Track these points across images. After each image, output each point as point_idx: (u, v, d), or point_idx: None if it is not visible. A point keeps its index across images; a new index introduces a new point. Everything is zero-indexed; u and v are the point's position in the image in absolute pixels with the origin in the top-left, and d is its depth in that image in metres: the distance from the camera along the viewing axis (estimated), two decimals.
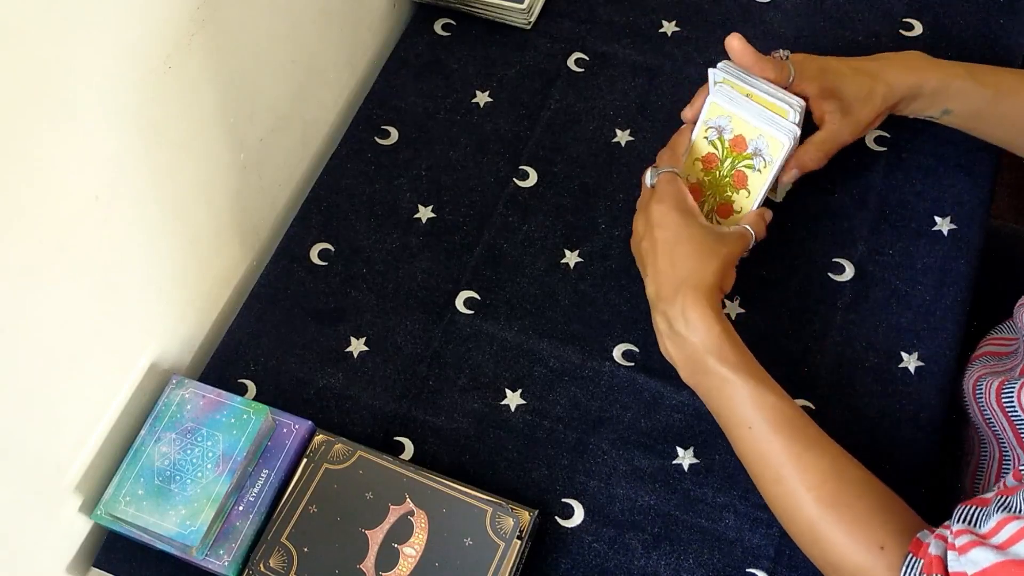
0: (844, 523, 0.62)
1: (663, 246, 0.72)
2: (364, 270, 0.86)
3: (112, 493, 0.72)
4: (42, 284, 0.63)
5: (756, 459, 0.67)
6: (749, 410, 0.67)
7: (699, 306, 0.69)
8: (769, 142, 0.74)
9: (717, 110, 0.76)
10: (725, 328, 0.69)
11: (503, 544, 0.70)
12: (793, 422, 0.66)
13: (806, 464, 0.64)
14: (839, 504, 0.63)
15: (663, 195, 0.74)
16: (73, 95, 0.61)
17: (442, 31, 1.00)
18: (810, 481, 0.64)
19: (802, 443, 0.65)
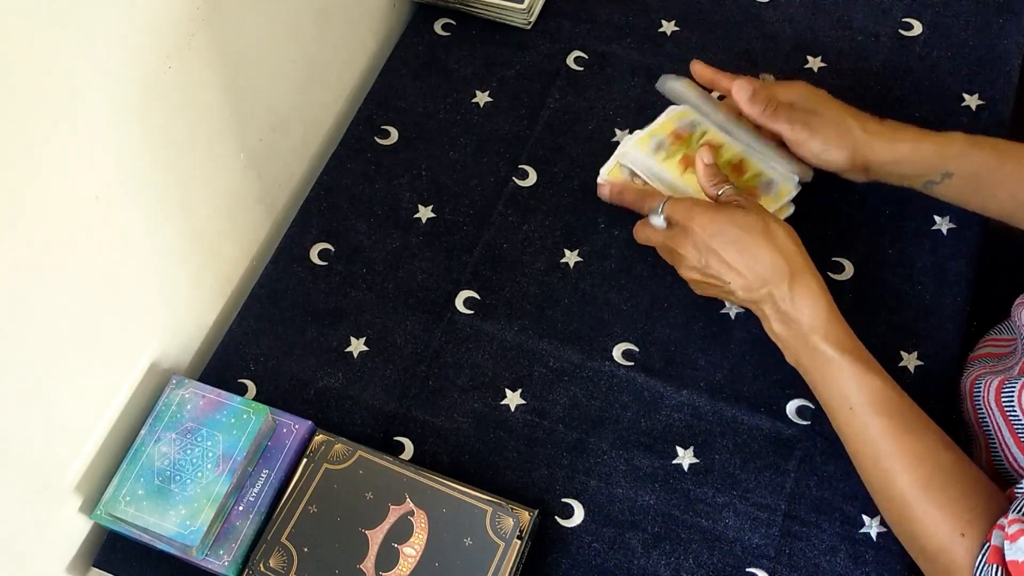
0: (933, 506, 0.64)
1: (733, 247, 0.71)
2: (364, 270, 0.86)
3: (112, 493, 0.72)
4: (42, 284, 0.63)
5: (856, 439, 0.68)
6: (852, 391, 0.68)
7: (808, 284, 0.70)
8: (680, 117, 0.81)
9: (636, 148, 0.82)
10: (831, 309, 0.70)
11: (503, 544, 0.70)
12: (894, 404, 0.67)
13: (903, 446, 0.66)
14: (930, 487, 0.64)
15: (685, 214, 0.73)
16: (73, 95, 0.61)
17: (442, 31, 1.00)
18: (906, 463, 0.65)
19: (901, 426, 0.66)
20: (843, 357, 0.68)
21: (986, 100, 0.91)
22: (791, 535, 0.72)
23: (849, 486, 0.74)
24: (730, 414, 0.77)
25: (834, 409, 0.70)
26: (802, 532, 0.72)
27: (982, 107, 0.90)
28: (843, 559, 0.71)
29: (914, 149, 0.77)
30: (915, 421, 0.67)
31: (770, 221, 0.72)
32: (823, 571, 0.71)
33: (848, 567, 0.71)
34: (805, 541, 0.72)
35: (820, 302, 0.69)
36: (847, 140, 0.77)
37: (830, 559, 0.71)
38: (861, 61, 0.94)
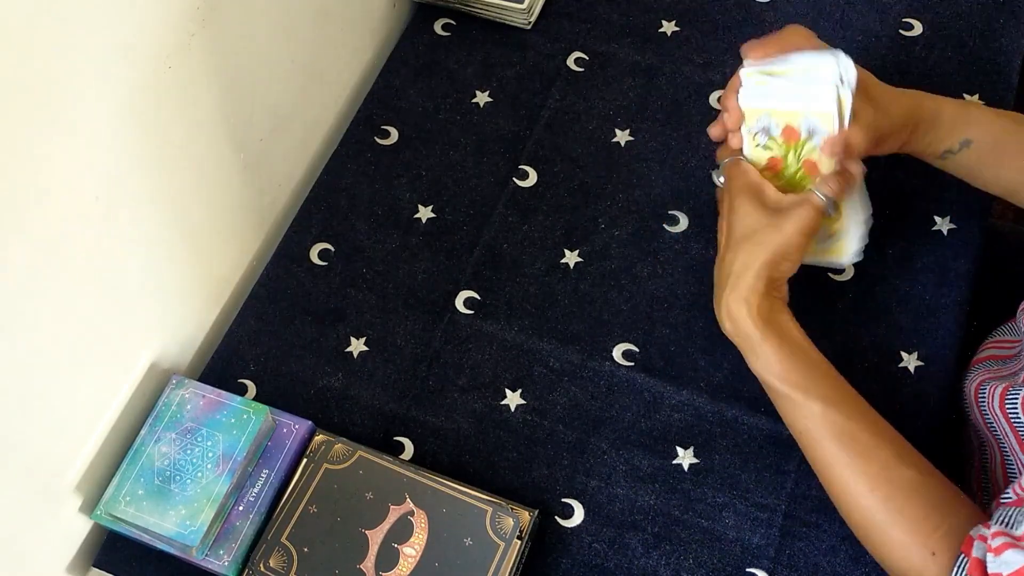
0: (897, 529, 0.63)
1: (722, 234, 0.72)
2: (364, 270, 0.86)
3: (112, 493, 0.72)
4: (42, 284, 0.63)
5: (812, 463, 0.68)
6: (799, 420, 0.67)
7: (739, 310, 0.68)
8: (818, 117, 0.69)
9: (752, 113, 0.71)
10: (767, 334, 0.68)
11: (503, 544, 0.70)
12: (839, 428, 0.66)
13: (857, 470, 0.65)
14: (890, 508, 0.63)
15: (732, 183, 0.72)
16: (73, 95, 0.61)
17: (442, 31, 1.00)
18: (861, 488, 0.64)
19: (850, 450, 0.65)
20: (782, 387, 0.67)
21: (986, 100, 0.91)
22: (791, 535, 0.72)
23: None
24: (730, 414, 0.77)
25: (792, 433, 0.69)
26: (802, 532, 0.72)
27: None
28: (843, 559, 0.71)
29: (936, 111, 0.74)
30: (864, 444, 0.65)
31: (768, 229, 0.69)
32: (823, 571, 0.71)
33: (848, 567, 0.71)
34: (805, 541, 0.72)
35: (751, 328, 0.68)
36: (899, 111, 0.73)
37: (830, 559, 0.71)
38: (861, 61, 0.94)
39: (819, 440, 0.66)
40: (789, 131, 0.70)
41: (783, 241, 0.68)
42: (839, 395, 0.67)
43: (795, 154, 0.72)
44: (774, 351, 0.67)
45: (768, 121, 0.71)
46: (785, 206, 0.69)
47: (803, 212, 0.68)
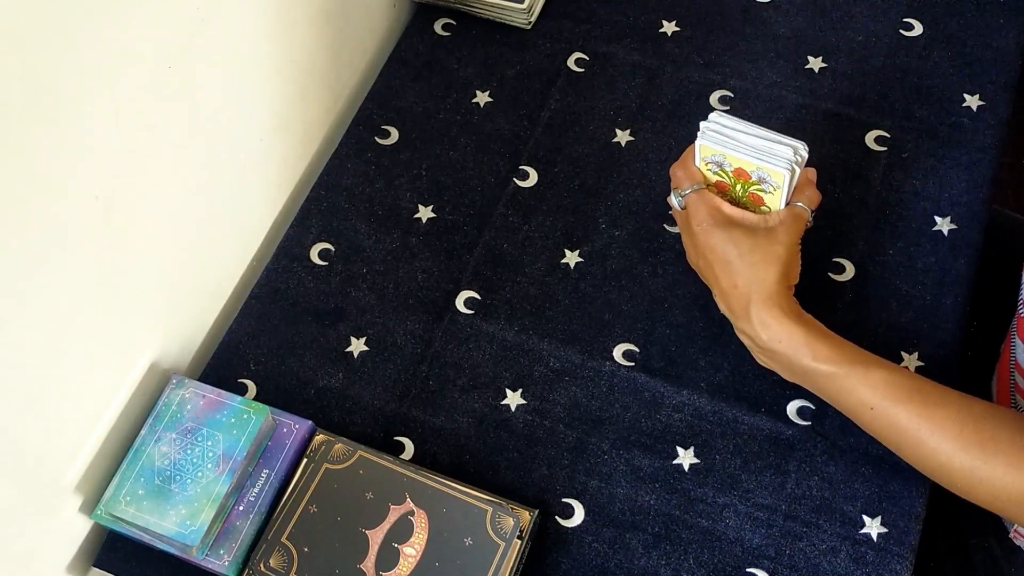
0: (999, 455, 0.63)
1: (719, 266, 0.71)
2: (364, 270, 0.86)
3: (112, 493, 0.72)
4: (42, 284, 0.63)
5: (890, 433, 0.68)
6: (864, 393, 0.67)
7: (774, 316, 0.69)
8: (769, 173, 0.72)
9: (708, 150, 0.73)
10: (807, 327, 0.69)
11: (503, 544, 0.70)
12: (909, 388, 0.67)
13: (938, 420, 0.65)
14: (984, 441, 0.64)
15: (698, 216, 0.73)
16: (73, 95, 0.61)
17: (442, 31, 1.00)
18: (949, 433, 0.65)
19: (925, 404, 0.66)
20: (840, 367, 0.67)
21: (986, 100, 0.91)
22: (791, 535, 0.72)
23: (849, 487, 0.74)
24: (730, 414, 0.77)
25: (857, 415, 0.69)
26: (802, 532, 0.72)
27: (983, 107, 0.90)
28: (843, 559, 0.71)
29: None
30: (933, 393, 0.67)
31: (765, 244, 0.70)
32: (823, 571, 0.71)
33: (848, 567, 0.71)
34: (805, 541, 0.72)
35: (791, 326, 0.68)
36: None
37: (830, 559, 0.71)
38: (861, 61, 0.94)
39: (895, 404, 0.66)
40: (740, 172, 0.73)
41: (785, 252, 0.70)
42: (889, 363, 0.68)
43: (743, 187, 0.75)
44: (821, 339, 0.68)
45: (722, 160, 0.73)
46: (774, 223, 0.72)
47: (793, 225, 0.72)
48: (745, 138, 0.72)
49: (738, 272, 0.70)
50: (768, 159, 0.71)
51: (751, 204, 0.75)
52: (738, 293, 0.70)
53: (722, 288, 0.72)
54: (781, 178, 0.71)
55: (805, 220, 0.73)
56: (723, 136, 0.72)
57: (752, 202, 0.75)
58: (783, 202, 0.73)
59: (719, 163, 0.74)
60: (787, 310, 0.69)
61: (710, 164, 0.74)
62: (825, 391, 0.70)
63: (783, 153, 0.71)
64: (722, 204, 0.73)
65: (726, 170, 0.74)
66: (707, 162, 0.74)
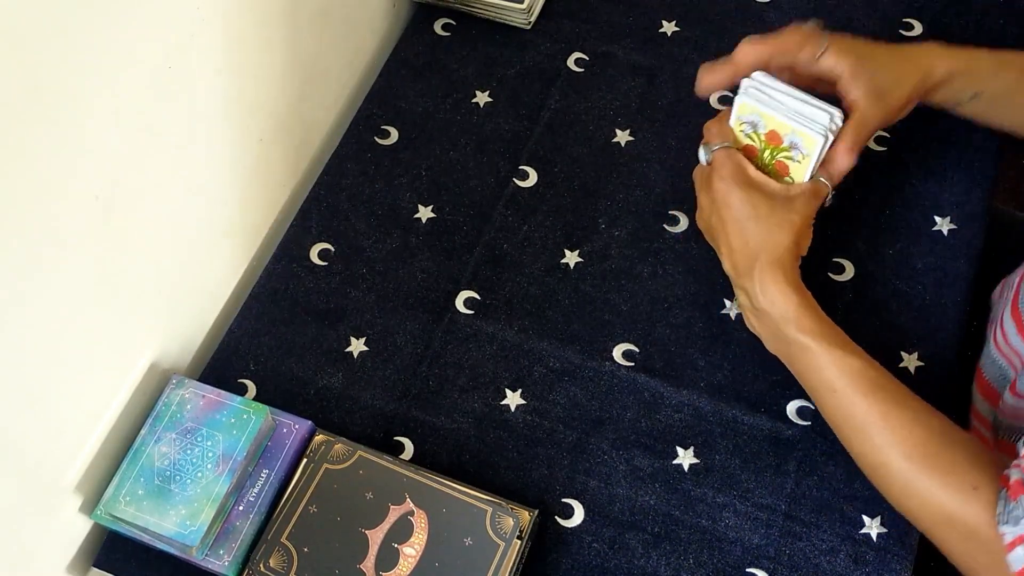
0: (935, 472, 0.63)
1: (732, 225, 0.72)
2: (364, 270, 0.86)
3: (112, 493, 0.72)
4: (42, 284, 0.63)
5: (843, 420, 0.68)
6: (832, 374, 0.68)
7: (776, 279, 0.70)
8: (803, 138, 0.72)
9: (746, 109, 0.74)
10: (803, 298, 0.70)
11: (503, 544, 0.70)
12: (876, 382, 0.67)
13: (891, 421, 0.65)
14: (927, 455, 0.64)
15: (722, 171, 0.73)
16: (73, 95, 0.61)
17: (442, 31, 1.00)
18: (896, 436, 0.65)
19: (885, 401, 0.66)
20: (818, 343, 0.68)
21: None
22: (791, 535, 0.72)
23: (849, 487, 0.74)
24: (730, 415, 0.77)
25: (819, 395, 0.70)
26: (802, 532, 0.72)
27: None
28: (843, 559, 0.71)
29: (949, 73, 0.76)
30: (898, 393, 0.67)
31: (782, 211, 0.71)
32: (823, 571, 0.71)
33: (848, 567, 0.71)
34: (805, 541, 0.72)
35: (788, 292, 0.69)
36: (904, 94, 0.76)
37: (830, 559, 0.71)
38: None
39: (857, 393, 0.67)
40: (773, 135, 0.73)
41: (800, 222, 0.71)
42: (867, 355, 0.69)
43: (771, 153, 0.75)
44: (811, 313, 0.69)
45: (758, 120, 0.73)
46: (794, 193, 0.72)
47: (813, 198, 0.72)
48: (785, 99, 0.72)
49: (750, 232, 0.71)
50: (805, 123, 0.71)
51: (775, 173, 0.75)
52: (748, 251, 0.71)
53: (731, 245, 0.72)
54: (813, 144, 0.71)
55: (824, 196, 0.73)
56: (764, 95, 0.72)
57: (777, 171, 0.75)
58: (808, 173, 0.73)
59: (754, 124, 0.74)
60: (789, 277, 0.70)
61: (744, 124, 0.74)
62: (798, 364, 0.71)
63: (820, 119, 0.71)
64: (748, 165, 0.73)
65: (759, 133, 0.74)
66: (742, 121, 0.75)
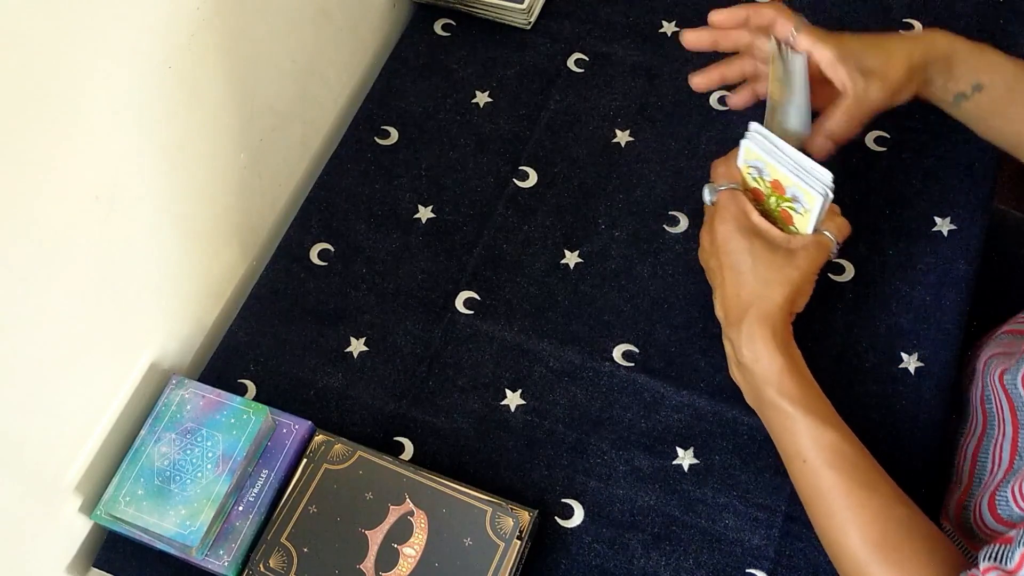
0: (890, 564, 0.62)
1: (729, 272, 0.70)
2: (364, 270, 0.86)
3: (112, 493, 0.72)
4: (42, 284, 0.63)
5: (810, 493, 0.67)
6: (806, 445, 0.66)
7: (764, 336, 0.68)
8: (804, 194, 0.70)
9: (751, 154, 0.72)
10: (789, 360, 0.68)
11: (503, 544, 0.70)
12: (849, 460, 0.66)
13: (857, 502, 0.64)
14: (886, 545, 0.63)
15: (725, 215, 0.71)
16: (73, 95, 0.61)
17: (442, 31, 1.00)
18: (860, 519, 0.64)
19: (854, 480, 0.65)
20: (796, 409, 0.67)
21: None
22: (791, 536, 0.72)
23: None
24: (730, 415, 0.77)
25: (790, 461, 0.69)
26: (802, 533, 0.72)
27: None
28: None
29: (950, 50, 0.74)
30: (869, 475, 0.66)
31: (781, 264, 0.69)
32: (823, 571, 0.71)
33: None
34: (805, 542, 0.72)
35: (773, 351, 0.67)
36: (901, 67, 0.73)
37: (830, 560, 0.71)
38: None
39: (828, 467, 0.65)
40: (777, 184, 0.72)
41: (799, 278, 0.69)
42: (846, 429, 0.67)
43: (776, 201, 0.73)
44: (794, 377, 0.67)
45: (762, 166, 0.72)
46: (796, 246, 0.70)
47: (816, 252, 0.70)
48: (789, 150, 0.70)
49: (746, 283, 0.69)
50: (806, 178, 0.69)
51: (781, 221, 0.74)
52: (739, 301, 0.69)
53: (725, 292, 0.71)
54: (813, 201, 0.69)
55: (829, 250, 0.71)
56: (769, 143, 0.70)
57: (782, 219, 0.74)
58: (811, 227, 0.71)
59: (759, 169, 0.72)
60: (778, 335, 0.68)
61: (751, 168, 0.73)
62: (773, 426, 0.69)
63: (822, 177, 0.69)
64: (752, 211, 0.71)
65: (764, 179, 0.72)
66: (749, 165, 0.73)
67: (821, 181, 0.68)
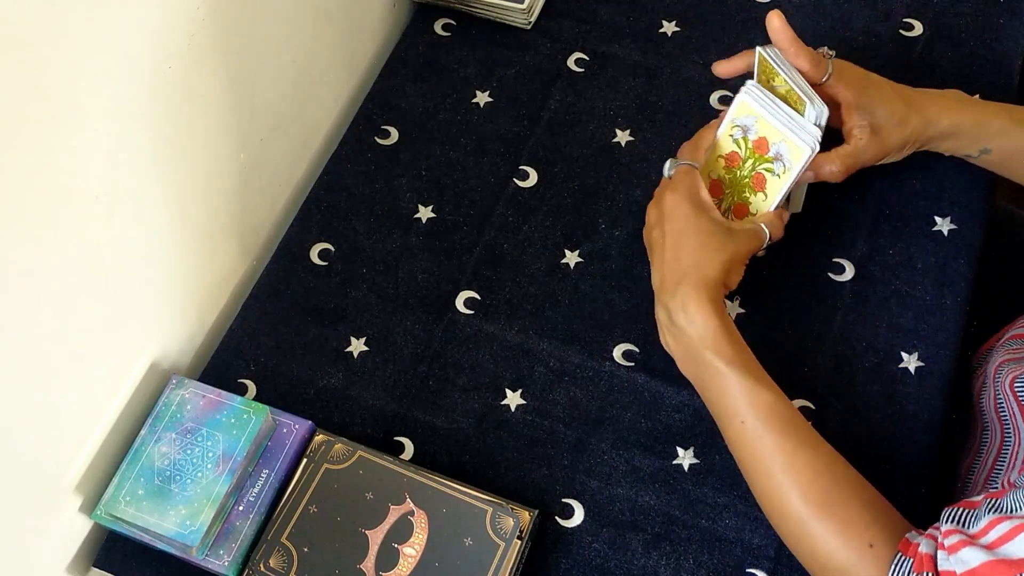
0: (833, 521, 0.62)
1: (671, 237, 0.72)
2: (364, 270, 0.86)
3: (112, 493, 0.72)
4: (42, 284, 0.63)
5: (748, 454, 0.67)
6: (743, 405, 0.67)
7: (699, 299, 0.69)
8: (790, 148, 0.73)
9: (745, 109, 0.74)
10: (724, 323, 0.69)
11: (503, 544, 0.70)
12: (787, 420, 0.66)
13: (797, 462, 0.64)
14: (828, 503, 0.63)
15: (678, 186, 0.74)
16: (73, 95, 0.61)
17: (442, 31, 1.00)
18: (801, 479, 0.64)
19: (794, 440, 0.65)
20: (732, 370, 0.67)
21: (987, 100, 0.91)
22: None
23: None
24: None
25: (725, 423, 0.69)
26: None
27: None
28: None
29: (954, 126, 0.77)
30: (808, 436, 0.66)
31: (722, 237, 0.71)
32: None
33: None
34: None
35: (709, 313, 0.68)
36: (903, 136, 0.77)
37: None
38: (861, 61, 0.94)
39: (766, 428, 0.66)
40: (761, 142, 0.74)
41: (735, 252, 0.71)
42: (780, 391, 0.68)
43: (753, 163, 0.76)
44: (729, 339, 0.68)
45: (751, 123, 0.74)
46: (736, 227, 0.73)
47: (753, 237, 0.73)
48: (784, 107, 0.73)
49: (686, 247, 0.71)
50: (798, 132, 0.72)
51: (748, 189, 0.76)
52: (678, 267, 0.71)
53: (664, 258, 0.72)
54: (798, 156, 0.72)
55: (762, 241, 0.74)
56: (765, 98, 0.73)
57: (752, 186, 0.76)
58: (782, 192, 0.74)
59: (746, 128, 0.74)
60: (713, 300, 0.69)
61: (736, 127, 0.75)
62: (709, 388, 0.70)
63: (812, 132, 0.71)
64: (702, 188, 0.74)
65: (748, 138, 0.74)
66: (735, 124, 0.75)
67: (811, 135, 0.72)
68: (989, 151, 0.78)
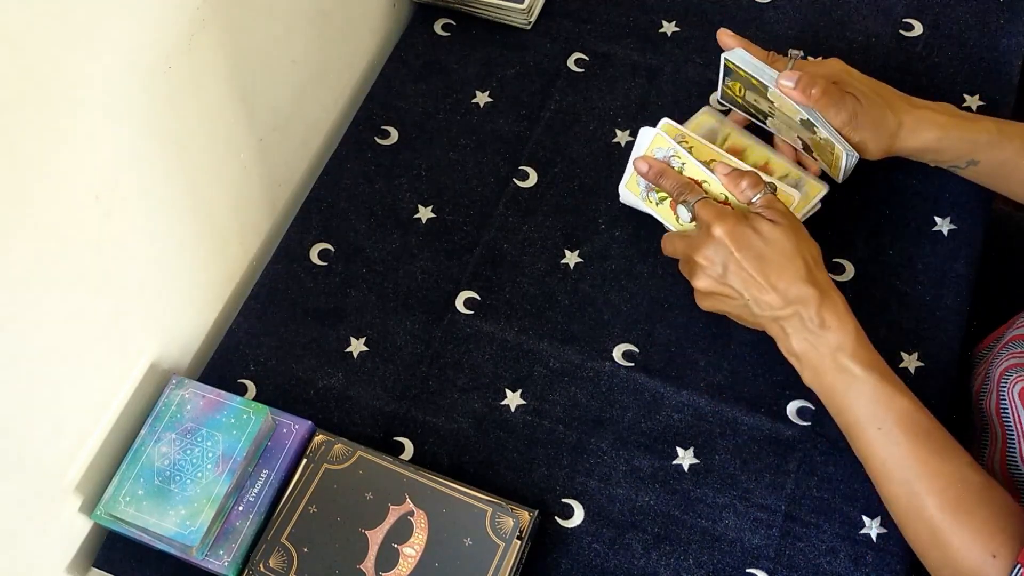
0: (964, 529, 0.63)
1: (755, 262, 0.69)
2: (364, 270, 0.86)
3: (112, 493, 0.72)
4: (42, 284, 0.63)
5: (882, 460, 0.67)
6: (880, 411, 0.67)
7: (835, 304, 0.69)
8: None
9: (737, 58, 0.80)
10: (858, 328, 0.69)
11: (503, 544, 0.70)
12: (923, 426, 0.66)
13: (932, 469, 0.65)
14: (960, 510, 0.64)
15: (714, 220, 0.70)
16: (73, 96, 0.61)
17: (442, 31, 1.00)
18: (935, 486, 0.65)
19: (929, 448, 0.66)
20: (870, 375, 0.67)
21: (986, 100, 0.91)
22: (791, 536, 0.72)
23: (849, 487, 0.74)
24: (730, 415, 0.77)
25: (860, 429, 0.68)
26: (802, 533, 0.72)
27: (983, 107, 0.90)
28: (843, 560, 0.71)
29: (940, 139, 0.78)
30: (943, 443, 0.66)
31: (801, 240, 0.70)
32: (823, 572, 0.71)
33: (848, 568, 0.71)
34: (805, 542, 0.72)
35: (847, 321, 0.68)
36: (884, 136, 0.78)
37: (830, 560, 0.71)
38: (862, 61, 0.94)
39: (905, 434, 0.66)
40: None
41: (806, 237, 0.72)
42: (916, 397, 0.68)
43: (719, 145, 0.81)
44: (867, 344, 0.69)
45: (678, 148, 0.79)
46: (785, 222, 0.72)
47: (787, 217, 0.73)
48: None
49: (773, 266, 0.68)
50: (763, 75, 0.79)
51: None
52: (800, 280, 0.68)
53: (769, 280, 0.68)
54: None
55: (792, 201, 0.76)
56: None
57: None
58: None
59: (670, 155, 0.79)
60: (847, 304, 0.69)
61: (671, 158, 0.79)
62: (845, 395, 0.68)
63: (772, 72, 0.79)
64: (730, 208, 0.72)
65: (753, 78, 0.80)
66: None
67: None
68: (976, 163, 0.79)
